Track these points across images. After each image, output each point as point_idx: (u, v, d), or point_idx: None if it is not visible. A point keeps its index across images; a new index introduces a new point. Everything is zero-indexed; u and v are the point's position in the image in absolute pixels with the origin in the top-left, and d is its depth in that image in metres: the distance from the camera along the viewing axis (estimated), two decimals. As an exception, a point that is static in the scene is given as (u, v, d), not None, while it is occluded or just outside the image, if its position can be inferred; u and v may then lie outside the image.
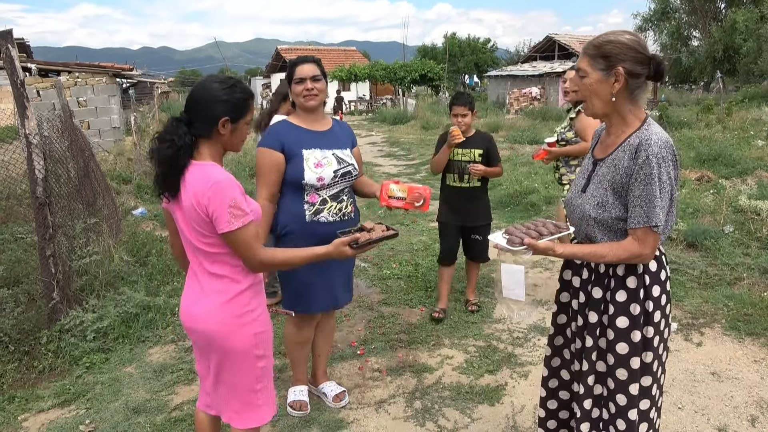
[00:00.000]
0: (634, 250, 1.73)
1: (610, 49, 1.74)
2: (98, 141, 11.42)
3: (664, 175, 1.70)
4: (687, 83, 32.79)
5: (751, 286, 4.27)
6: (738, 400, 2.92)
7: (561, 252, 1.80)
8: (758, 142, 10.82)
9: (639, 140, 1.74)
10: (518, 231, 1.86)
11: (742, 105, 16.51)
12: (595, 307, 1.88)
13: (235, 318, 1.90)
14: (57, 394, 3.22)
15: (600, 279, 1.87)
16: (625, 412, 1.85)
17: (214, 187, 1.76)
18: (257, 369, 1.96)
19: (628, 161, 1.75)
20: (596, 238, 1.85)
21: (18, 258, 4.72)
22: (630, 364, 1.82)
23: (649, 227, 1.71)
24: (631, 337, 1.81)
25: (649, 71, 1.75)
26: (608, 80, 1.75)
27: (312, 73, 2.60)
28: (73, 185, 5.39)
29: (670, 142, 1.72)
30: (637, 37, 1.77)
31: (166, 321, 4.08)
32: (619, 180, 1.77)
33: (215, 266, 1.89)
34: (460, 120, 3.74)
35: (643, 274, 1.81)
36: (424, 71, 28.38)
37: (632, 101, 1.79)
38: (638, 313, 1.80)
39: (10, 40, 3.56)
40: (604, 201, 1.81)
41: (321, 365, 3.10)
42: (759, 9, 24.92)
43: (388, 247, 5.79)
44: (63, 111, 6.69)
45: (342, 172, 2.65)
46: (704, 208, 6.25)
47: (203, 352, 2.00)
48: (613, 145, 1.83)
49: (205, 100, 1.83)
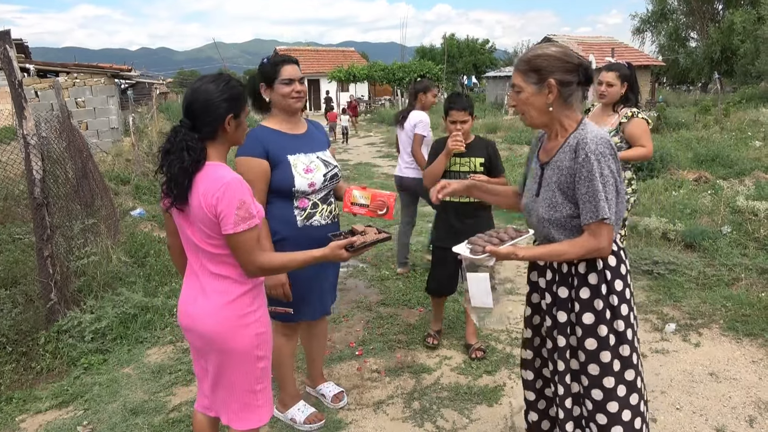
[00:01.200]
0: (591, 244, 1.80)
1: (539, 63, 1.84)
2: (96, 142, 11.40)
3: (605, 169, 1.77)
4: (685, 84, 32.87)
5: (749, 287, 4.28)
6: (736, 401, 2.93)
7: (523, 255, 1.88)
8: (756, 142, 10.85)
9: (577, 140, 1.83)
10: (480, 240, 1.94)
11: (739, 106, 16.54)
12: (563, 307, 1.94)
13: (238, 318, 1.89)
14: (55, 395, 3.21)
15: (564, 279, 1.94)
16: (603, 405, 1.89)
17: (224, 188, 1.76)
18: (257, 369, 1.96)
19: (569, 161, 1.84)
20: (554, 237, 1.92)
21: (16, 259, 4.71)
22: (600, 358, 1.88)
23: (601, 221, 1.78)
24: (598, 332, 1.87)
25: (579, 77, 1.85)
26: (542, 92, 1.85)
27: (299, 75, 2.52)
28: (71, 186, 5.38)
29: (606, 138, 1.81)
30: (563, 47, 1.89)
31: (164, 322, 4.07)
32: (564, 180, 1.86)
33: (219, 267, 1.88)
34: (460, 127, 3.23)
35: (604, 270, 1.88)
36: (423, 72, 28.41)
37: (567, 107, 1.88)
38: (602, 308, 1.87)
39: (8, 40, 3.56)
40: (554, 202, 1.88)
41: (317, 367, 3.09)
42: (756, 10, 24.98)
43: (387, 248, 5.79)
44: (61, 111, 6.69)
45: (330, 175, 2.61)
46: (702, 208, 6.26)
47: (202, 353, 1.99)
48: (554, 149, 1.92)
49: (206, 104, 1.82)
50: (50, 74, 12.89)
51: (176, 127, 1.85)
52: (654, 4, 33.51)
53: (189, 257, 1.96)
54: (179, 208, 1.85)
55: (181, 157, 1.78)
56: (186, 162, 1.78)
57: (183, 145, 1.79)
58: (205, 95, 1.83)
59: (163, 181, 1.85)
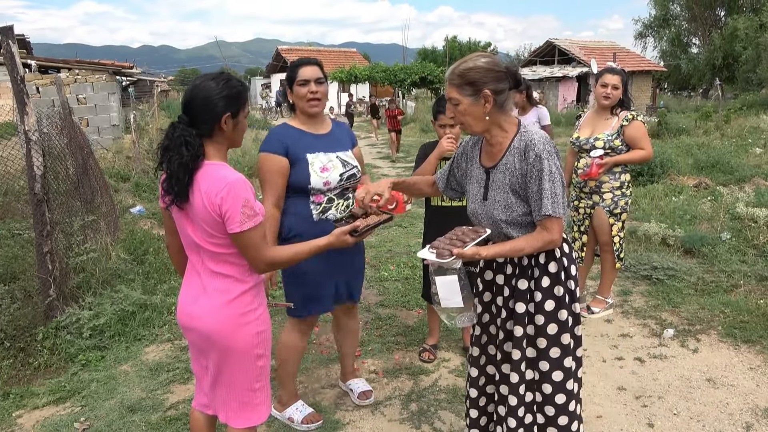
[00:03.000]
0: (545, 238, 1.93)
1: (472, 75, 1.92)
2: (97, 138, 11.40)
3: (553, 167, 1.90)
4: (686, 90, 32.91)
5: (748, 294, 4.28)
6: (733, 407, 2.93)
7: (486, 254, 1.95)
8: (756, 149, 10.86)
9: (524, 143, 1.94)
10: (443, 243, 1.99)
11: (740, 112, 16.57)
12: (521, 298, 2.03)
13: (238, 317, 1.89)
14: (52, 391, 3.21)
15: (524, 271, 2.04)
16: (563, 386, 2.04)
17: (228, 188, 1.77)
18: (257, 368, 1.97)
19: (519, 162, 1.95)
20: (512, 235, 2.01)
21: (15, 254, 4.71)
22: (561, 340, 2.02)
23: (552, 216, 1.89)
24: (559, 317, 2.01)
25: (510, 83, 1.96)
26: (479, 103, 1.94)
27: (316, 76, 2.55)
28: (72, 182, 5.38)
29: (548, 138, 1.96)
30: (491, 56, 1.99)
31: (162, 319, 4.07)
32: (515, 181, 1.96)
33: (220, 266, 1.89)
34: (449, 131, 3.13)
35: (561, 258, 2.02)
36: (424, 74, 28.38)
37: (503, 112, 1.99)
38: (562, 294, 2.01)
39: (11, 36, 3.56)
40: (508, 203, 1.99)
41: (348, 363, 3.12)
42: (759, 17, 25.02)
43: (386, 249, 5.80)
44: (62, 108, 6.68)
45: (347, 175, 2.66)
46: (702, 214, 6.26)
47: (201, 352, 1.99)
48: (499, 153, 2.02)
49: (204, 101, 1.83)
50: (52, 70, 12.89)
51: (174, 123, 1.85)
52: (656, 9, 33.58)
53: (190, 256, 1.97)
54: (179, 206, 1.85)
55: (180, 153, 1.78)
56: (185, 158, 1.78)
57: (181, 141, 1.79)
58: (204, 92, 1.83)
59: (163, 178, 1.86)
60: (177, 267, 2.15)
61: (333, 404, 3.04)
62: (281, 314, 4.16)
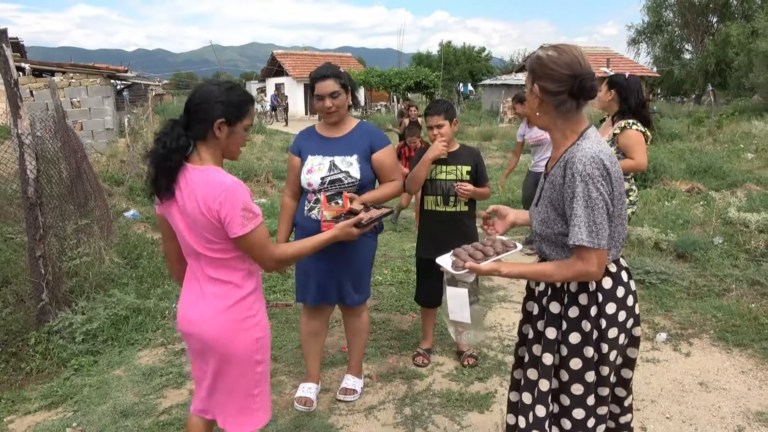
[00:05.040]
0: (579, 268, 1.70)
1: (531, 65, 1.77)
2: (91, 142, 11.36)
3: (593, 192, 1.64)
4: (679, 95, 33.13)
5: (740, 298, 4.31)
6: (725, 411, 2.94)
7: (507, 272, 1.80)
8: (748, 155, 10.96)
9: (566, 159, 1.72)
10: (464, 253, 1.87)
11: (732, 118, 16.70)
12: (553, 323, 1.85)
13: (237, 323, 1.90)
14: (44, 396, 3.19)
15: (556, 294, 1.85)
16: (584, 423, 1.83)
17: (225, 193, 1.77)
18: (256, 374, 1.97)
19: (560, 179, 1.74)
20: (546, 252, 1.85)
21: (7, 258, 4.68)
22: (585, 378, 1.80)
23: (587, 246, 1.65)
24: (584, 353, 1.79)
25: (568, 88, 1.69)
26: (532, 94, 1.77)
27: (330, 90, 2.69)
28: (65, 186, 5.35)
29: (598, 158, 1.66)
30: (564, 52, 1.71)
31: (156, 324, 4.06)
32: (556, 197, 1.76)
33: (219, 271, 1.90)
34: (436, 131, 3.16)
35: (596, 292, 1.77)
36: (419, 78, 28.48)
37: (562, 117, 1.76)
38: (589, 330, 1.77)
39: (5, 39, 3.55)
40: (546, 217, 1.81)
41: (350, 358, 3.21)
42: (751, 24, 25.25)
43: (381, 253, 5.80)
44: (56, 111, 6.66)
45: (330, 180, 2.73)
46: (694, 219, 6.31)
47: (201, 357, 1.99)
48: (553, 161, 1.83)
49: (202, 102, 1.84)
50: (46, 74, 12.85)
51: (171, 120, 1.88)
52: (650, 15, 33.84)
53: (189, 262, 1.97)
54: (162, 200, 1.86)
55: (157, 149, 1.81)
56: (160, 151, 1.80)
57: (164, 139, 1.82)
58: (203, 94, 1.85)
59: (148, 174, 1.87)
60: (172, 273, 2.16)
61: (327, 408, 3.04)
62: (284, 314, 4.27)
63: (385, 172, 2.82)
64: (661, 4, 33.28)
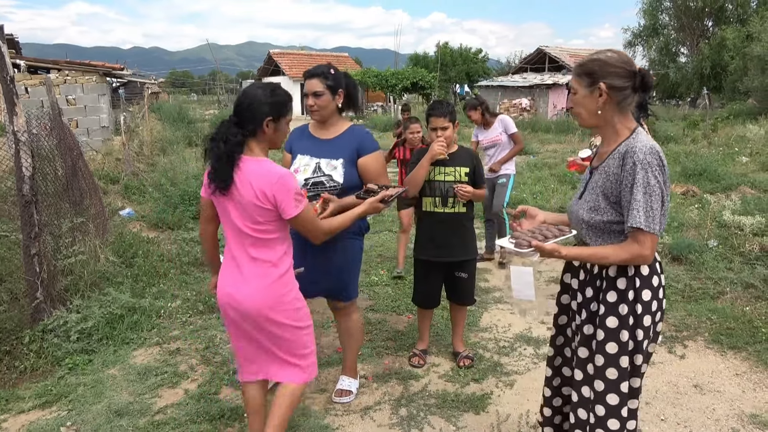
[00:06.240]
0: (634, 250, 1.81)
1: (591, 66, 1.90)
2: (87, 140, 11.30)
3: (651, 179, 1.79)
4: (674, 98, 33.26)
5: (734, 300, 4.33)
6: (720, 413, 2.96)
7: (566, 254, 1.90)
8: (742, 158, 11.02)
9: (626, 149, 1.85)
10: (524, 235, 1.96)
11: (727, 121, 16.79)
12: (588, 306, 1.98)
13: (279, 297, 2.23)
14: (38, 395, 3.17)
15: (593, 280, 1.97)
16: (618, 411, 1.91)
17: (281, 181, 2.10)
18: (302, 336, 2.33)
19: (616, 168, 1.87)
20: (589, 241, 1.97)
21: (1, 256, 4.65)
22: (620, 363, 1.89)
23: (644, 229, 1.78)
24: (620, 337, 1.89)
25: (633, 83, 1.87)
26: (593, 95, 1.90)
27: (313, 89, 2.74)
28: (61, 184, 5.32)
29: (656, 149, 1.82)
30: (619, 54, 1.91)
31: (151, 323, 4.04)
32: (609, 186, 1.89)
33: (260, 251, 2.19)
34: (440, 134, 3.19)
35: (634, 277, 1.89)
36: (416, 79, 28.50)
37: (620, 113, 1.91)
38: (626, 314, 1.88)
39: (0, 35, 3.53)
40: (596, 205, 1.93)
41: (344, 359, 3.21)
42: (746, 28, 25.38)
43: (376, 254, 5.80)
44: (52, 109, 6.62)
45: (313, 182, 2.76)
46: (689, 222, 6.34)
47: (252, 328, 2.26)
48: (605, 154, 1.96)
49: (251, 104, 2.16)
50: (41, 71, 12.78)
51: (224, 121, 2.18)
52: (646, 19, 33.95)
53: (232, 243, 2.24)
54: (222, 193, 2.13)
55: (218, 146, 2.10)
56: (222, 150, 2.09)
57: (223, 137, 2.11)
58: (251, 98, 2.17)
59: (208, 170, 2.16)
60: (209, 253, 2.51)
61: (323, 409, 3.03)
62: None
63: (368, 178, 2.77)
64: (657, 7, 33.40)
